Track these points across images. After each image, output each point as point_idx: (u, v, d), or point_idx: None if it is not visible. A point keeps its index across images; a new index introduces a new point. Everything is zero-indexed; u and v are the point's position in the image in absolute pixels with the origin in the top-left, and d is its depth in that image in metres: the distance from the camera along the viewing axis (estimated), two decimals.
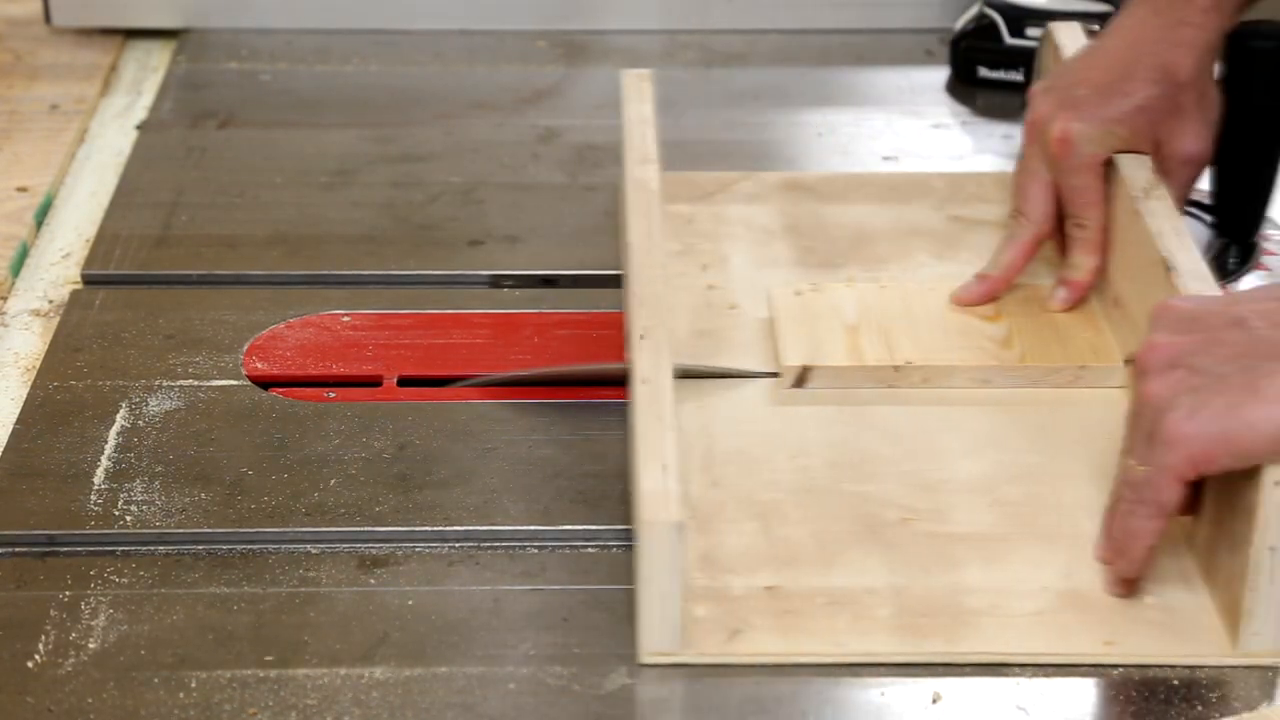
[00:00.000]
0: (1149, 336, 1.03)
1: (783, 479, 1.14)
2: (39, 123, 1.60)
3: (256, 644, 1.04)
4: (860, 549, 1.09)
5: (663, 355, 1.11)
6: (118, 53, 1.73)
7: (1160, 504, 1.00)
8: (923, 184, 1.44)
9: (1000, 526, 1.10)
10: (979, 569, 1.07)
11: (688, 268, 1.35)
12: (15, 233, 1.43)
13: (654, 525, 0.98)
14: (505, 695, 1.01)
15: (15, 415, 1.22)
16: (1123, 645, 1.02)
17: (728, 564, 1.08)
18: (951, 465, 1.15)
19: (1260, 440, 0.96)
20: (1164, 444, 0.99)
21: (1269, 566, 0.99)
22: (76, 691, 1.01)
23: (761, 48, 1.74)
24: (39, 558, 1.11)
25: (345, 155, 1.55)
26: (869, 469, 1.15)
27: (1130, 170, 1.24)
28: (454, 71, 1.70)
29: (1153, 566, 1.05)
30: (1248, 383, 0.97)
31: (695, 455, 1.17)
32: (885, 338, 1.25)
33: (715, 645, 1.02)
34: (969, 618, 1.04)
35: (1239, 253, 1.35)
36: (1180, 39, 1.25)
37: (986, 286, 1.28)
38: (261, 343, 1.31)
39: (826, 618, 1.04)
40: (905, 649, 1.02)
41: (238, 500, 1.15)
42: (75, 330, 1.31)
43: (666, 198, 1.40)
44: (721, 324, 1.29)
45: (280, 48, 1.73)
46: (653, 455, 1.02)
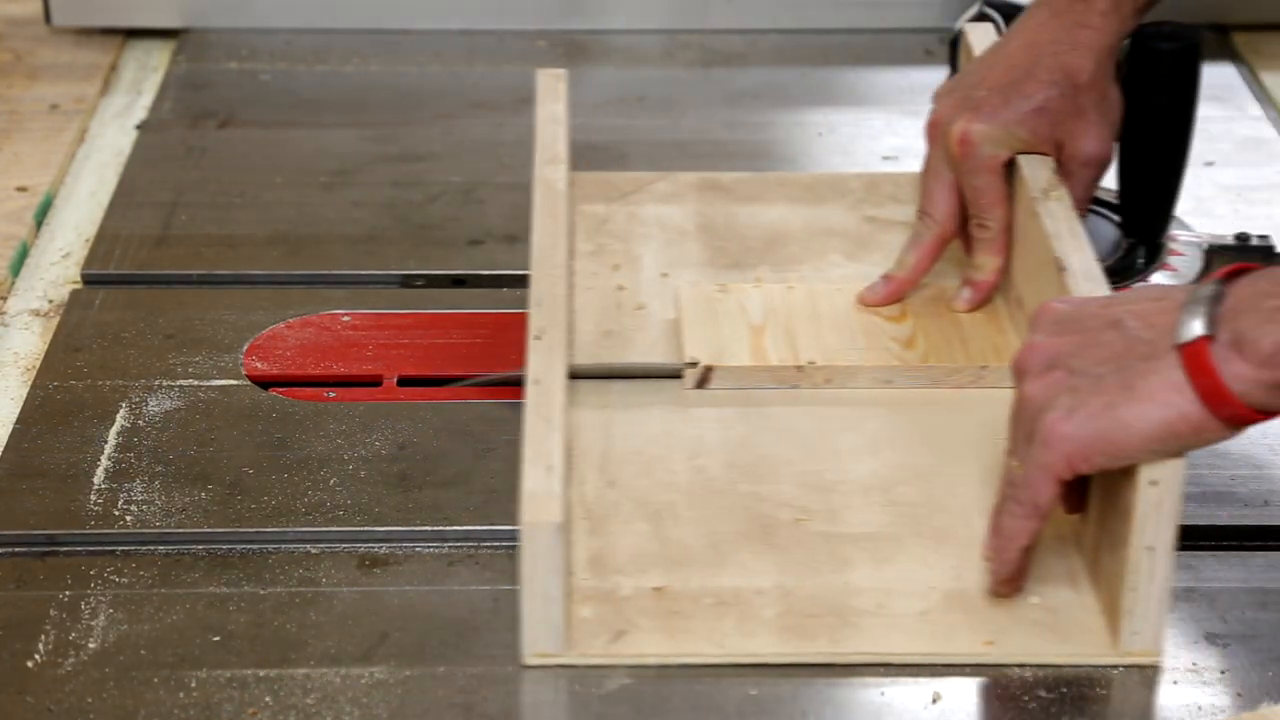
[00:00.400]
0: (1028, 338, 1.03)
1: (679, 480, 1.14)
2: (39, 122, 1.60)
3: (256, 644, 1.04)
4: (751, 550, 1.09)
5: (556, 356, 1.10)
6: (118, 53, 1.73)
7: (1035, 504, 1.01)
8: (839, 184, 1.44)
9: (892, 527, 1.10)
10: (868, 569, 1.07)
11: (599, 268, 1.35)
12: (15, 232, 1.43)
13: (535, 526, 0.98)
14: (505, 695, 1.01)
15: (15, 415, 1.23)
16: (1003, 645, 1.02)
17: (617, 565, 1.07)
18: (848, 466, 1.15)
19: (1134, 439, 0.97)
20: (1041, 444, 0.99)
21: (1146, 566, 1.00)
22: (76, 691, 1.01)
23: (761, 48, 1.74)
24: (39, 558, 1.11)
25: (345, 155, 1.55)
26: (765, 470, 1.15)
27: (1031, 171, 1.25)
28: (454, 71, 1.70)
29: (1034, 566, 1.05)
30: (1122, 383, 0.97)
31: (593, 456, 1.16)
32: (790, 338, 1.24)
33: (599, 646, 1.02)
34: (854, 618, 1.04)
35: (1146, 253, 1.36)
36: (1079, 41, 1.25)
37: (892, 287, 1.28)
38: (261, 343, 1.31)
39: (712, 619, 1.04)
40: (789, 649, 1.02)
41: (237, 500, 1.15)
42: (75, 330, 1.31)
43: (582, 198, 1.41)
44: (628, 324, 1.29)
45: (280, 48, 1.73)
46: (537, 456, 1.02)
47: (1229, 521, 1.14)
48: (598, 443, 1.18)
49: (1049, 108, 1.25)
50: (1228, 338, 0.95)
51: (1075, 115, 1.25)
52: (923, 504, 1.12)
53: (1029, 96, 1.25)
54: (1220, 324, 0.95)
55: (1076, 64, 1.25)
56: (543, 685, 1.01)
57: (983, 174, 1.25)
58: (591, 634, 1.03)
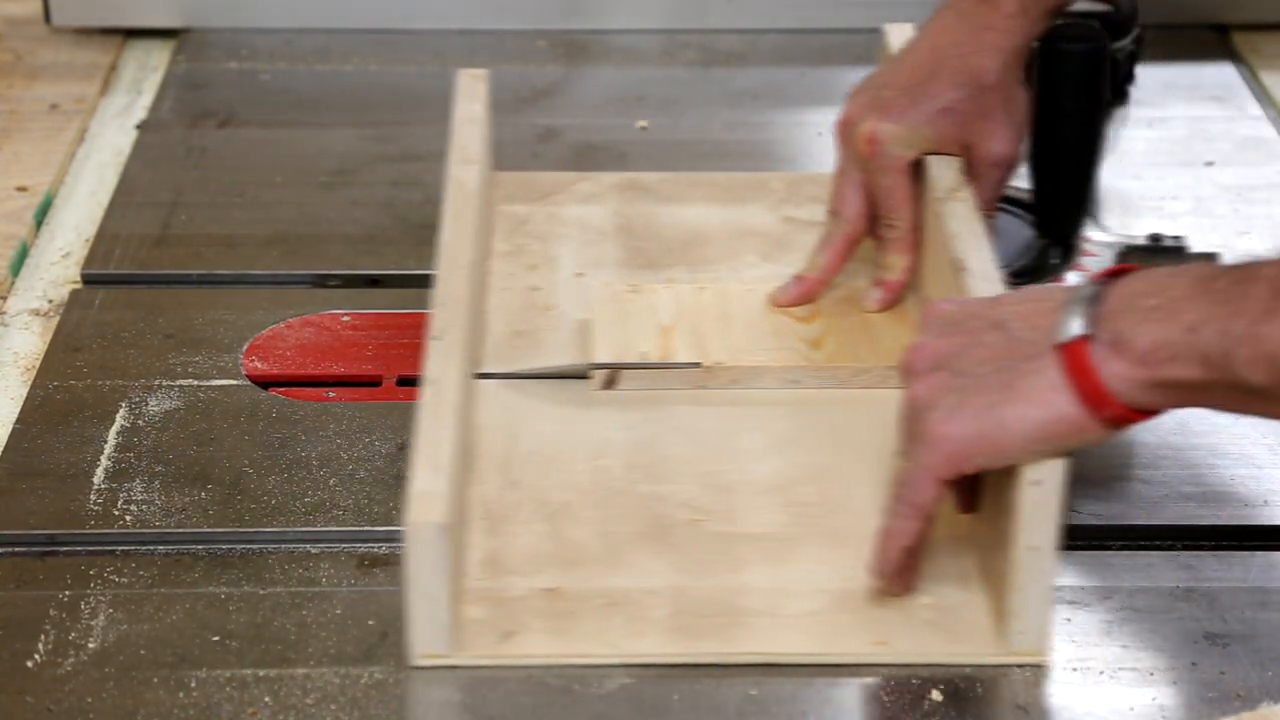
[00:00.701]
0: (916, 340, 1.04)
1: (580, 480, 1.14)
2: (39, 122, 1.60)
3: (256, 644, 1.04)
4: (646, 550, 1.09)
5: (455, 357, 1.10)
6: (118, 53, 1.73)
7: (917, 503, 1.01)
8: (761, 185, 1.44)
9: (790, 527, 1.10)
10: (762, 569, 1.07)
11: (514, 268, 1.35)
12: (15, 232, 1.43)
13: (420, 527, 0.98)
14: (505, 695, 1.01)
15: (15, 415, 1.23)
16: (893, 645, 1.02)
17: (512, 565, 1.07)
18: (749, 466, 1.15)
19: (1015, 439, 0.97)
20: (923, 444, 1.00)
21: (1030, 566, 1.00)
22: (76, 691, 1.01)
23: (761, 48, 1.74)
24: (39, 558, 1.11)
25: (345, 155, 1.55)
26: (667, 470, 1.15)
27: (937, 172, 1.25)
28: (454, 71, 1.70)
29: (929, 566, 1.05)
30: (1004, 383, 0.98)
31: (495, 457, 1.16)
32: (698, 339, 1.24)
33: (487, 647, 1.02)
34: (745, 618, 1.04)
35: (1060, 253, 1.36)
36: (985, 43, 1.26)
37: (803, 288, 1.28)
38: (261, 343, 1.31)
39: (602, 619, 1.04)
40: (677, 650, 1.02)
41: (237, 500, 1.15)
42: (75, 330, 1.31)
43: (504, 198, 1.41)
44: (539, 325, 1.29)
45: (280, 48, 1.73)
46: (427, 457, 1.01)
47: (1229, 521, 1.14)
48: (502, 443, 1.17)
49: (955, 109, 1.25)
50: (1107, 337, 0.95)
51: (981, 116, 1.26)
52: (822, 504, 1.12)
53: (935, 97, 1.25)
54: (1099, 324, 0.96)
55: (982, 65, 1.25)
56: (541, 685, 1.01)
57: (890, 174, 1.25)
58: (480, 635, 1.03)
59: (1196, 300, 0.93)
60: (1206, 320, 0.93)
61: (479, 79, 1.42)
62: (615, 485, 1.14)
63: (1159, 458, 1.19)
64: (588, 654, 1.02)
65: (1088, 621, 1.06)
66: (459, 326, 1.13)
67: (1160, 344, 0.94)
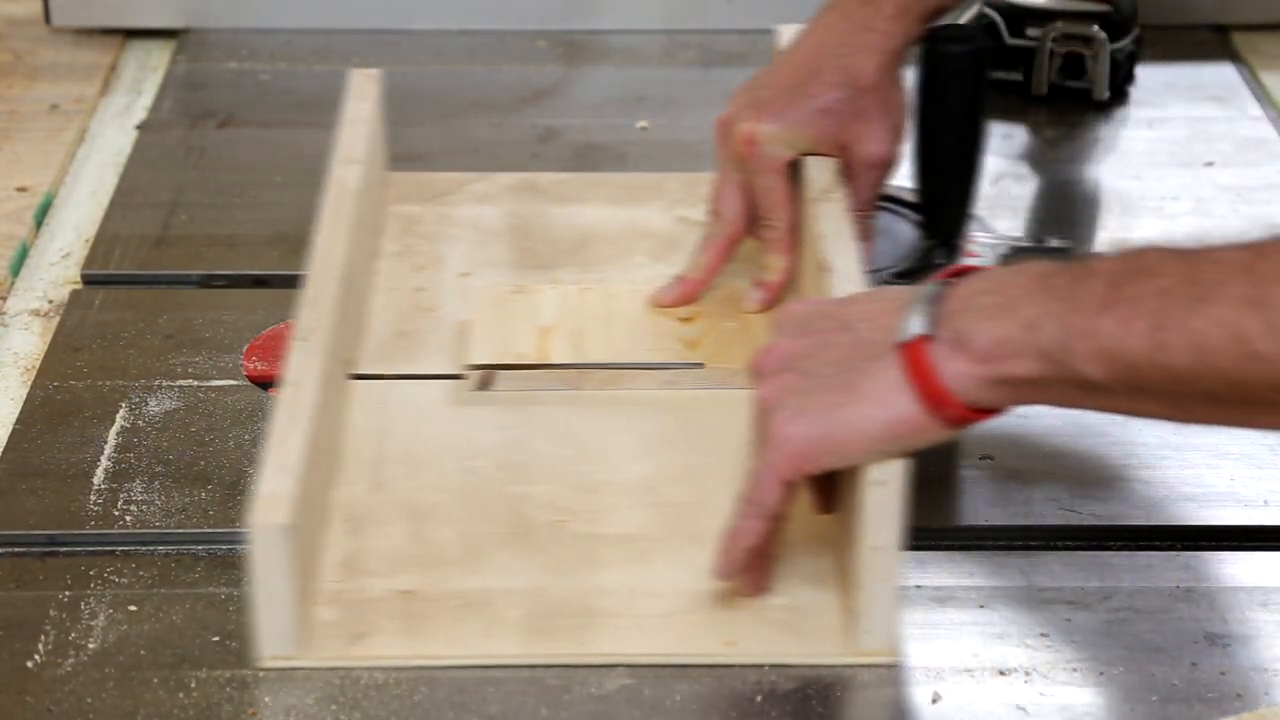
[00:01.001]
0: (767, 341, 1.04)
1: (447, 481, 1.14)
2: (39, 123, 1.60)
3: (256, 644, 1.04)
4: (507, 551, 1.09)
5: (318, 359, 1.10)
6: (118, 53, 1.73)
7: (762, 504, 1.01)
8: (657, 185, 1.44)
9: (653, 528, 1.10)
10: (621, 570, 1.07)
11: (402, 269, 1.35)
12: (15, 233, 1.43)
13: (263, 528, 0.98)
14: (505, 695, 1.01)
15: (15, 415, 1.23)
16: (743, 645, 1.02)
17: (370, 567, 1.07)
18: (618, 467, 1.15)
19: (857, 439, 0.97)
20: (769, 445, 1.00)
21: (875, 566, 1.00)
22: (76, 691, 1.01)
23: (761, 48, 1.73)
24: (39, 558, 1.11)
25: None
26: (535, 471, 1.15)
27: (812, 173, 1.25)
28: (454, 71, 1.70)
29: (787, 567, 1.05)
30: (847, 383, 0.98)
31: (365, 458, 1.16)
32: (577, 340, 1.24)
33: (336, 649, 1.02)
34: (599, 619, 1.04)
35: (945, 253, 1.36)
36: (864, 44, 1.26)
37: (683, 288, 1.28)
38: (261, 343, 1.31)
39: (457, 621, 1.04)
40: (530, 651, 1.02)
41: (238, 500, 1.15)
42: (75, 330, 1.31)
43: (397, 199, 1.41)
44: (422, 326, 1.29)
45: (280, 48, 1.73)
46: (276, 458, 1.01)
47: (1229, 521, 1.14)
48: (373, 445, 1.17)
49: (833, 110, 1.26)
50: (948, 336, 0.95)
51: (858, 117, 1.26)
52: (686, 505, 1.11)
53: (814, 98, 1.25)
54: (940, 323, 0.96)
55: (860, 67, 1.26)
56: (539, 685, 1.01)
57: (768, 174, 1.26)
58: (331, 636, 1.03)
59: (1035, 297, 0.94)
60: (1045, 316, 0.93)
61: (371, 78, 1.42)
62: (483, 487, 1.14)
63: (1159, 458, 1.19)
64: (439, 656, 1.02)
65: (1088, 621, 1.06)
66: (325, 328, 1.12)
67: (1000, 341, 0.94)
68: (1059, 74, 1.61)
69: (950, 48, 1.31)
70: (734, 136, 1.26)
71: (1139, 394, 0.92)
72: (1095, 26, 1.59)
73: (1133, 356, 0.90)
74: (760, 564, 1.04)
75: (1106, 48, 1.59)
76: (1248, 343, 0.87)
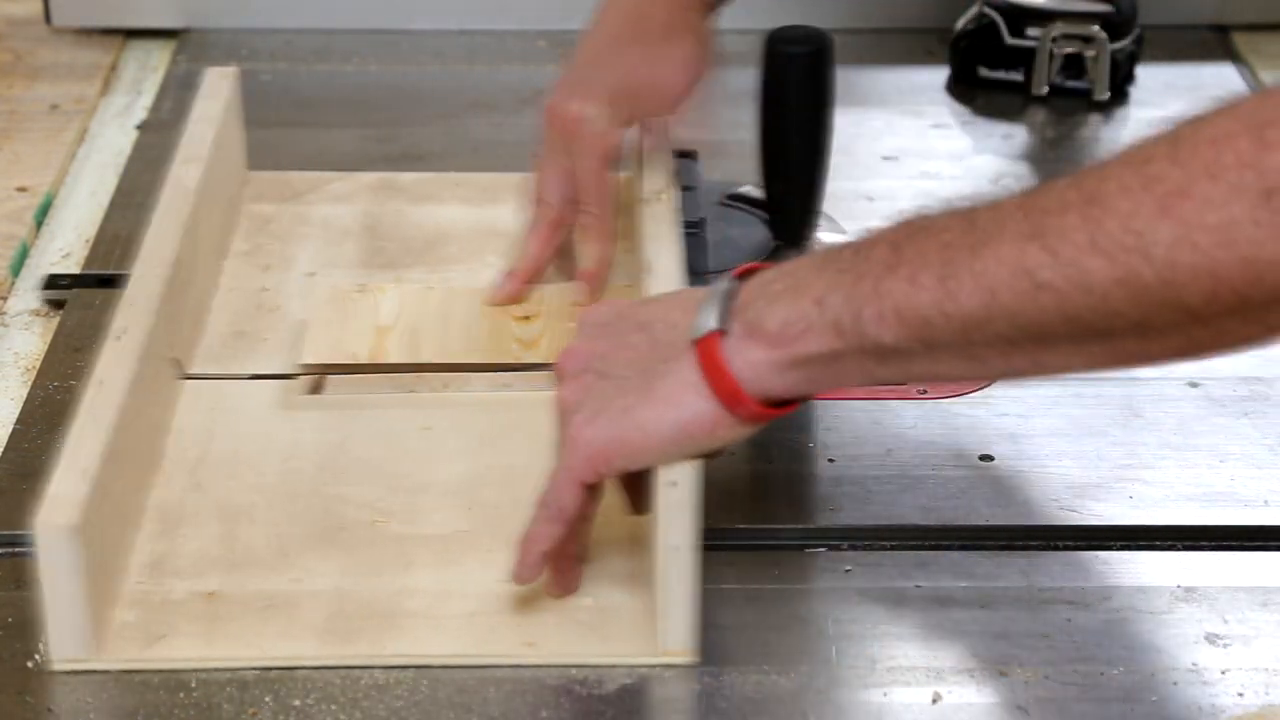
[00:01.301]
0: (569, 343, 1.04)
1: (267, 482, 1.14)
2: (39, 123, 1.60)
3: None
4: (318, 552, 1.08)
5: (130, 358, 1.09)
6: (118, 53, 1.73)
7: (559, 507, 1.01)
8: (513, 184, 1.42)
9: (468, 529, 1.10)
10: (430, 571, 1.07)
11: (248, 268, 1.34)
12: (15, 233, 1.43)
13: (48, 529, 0.97)
14: (505, 695, 1.01)
15: (15, 415, 1.23)
16: (543, 646, 1.02)
17: (177, 568, 1.07)
18: (441, 468, 1.15)
19: (651, 440, 0.97)
20: (566, 447, 1.00)
21: (672, 565, 0.99)
22: (76, 691, 1.01)
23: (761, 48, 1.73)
24: None
25: (345, 155, 1.55)
26: (357, 472, 1.15)
27: (650, 171, 1.26)
28: (454, 71, 1.70)
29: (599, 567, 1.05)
30: (642, 385, 0.98)
31: (187, 458, 1.16)
32: (414, 340, 1.24)
33: (133, 651, 1.02)
34: (402, 620, 1.04)
35: (794, 253, 1.36)
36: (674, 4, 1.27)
37: (515, 282, 1.28)
38: None
39: (259, 622, 1.03)
40: (329, 652, 1.02)
41: None
42: (75, 330, 1.31)
43: (253, 197, 1.41)
44: (261, 325, 1.28)
45: (280, 48, 1.73)
46: (71, 458, 1.01)
47: (1229, 521, 1.14)
48: (196, 444, 1.17)
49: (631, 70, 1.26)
50: (739, 329, 0.95)
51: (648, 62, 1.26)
52: (505, 506, 1.11)
53: (614, 67, 1.26)
54: (732, 317, 0.96)
55: (650, 15, 1.26)
56: (539, 685, 1.01)
57: (588, 156, 1.25)
58: (127, 639, 1.02)
59: (822, 274, 0.94)
60: (832, 289, 0.93)
61: (227, 77, 1.41)
62: (302, 488, 1.13)
63: (1159, 458, 1.19)
64: (237, 658, 1.01)
65: (1088, 621, 1.06)
66: (143, 326, 1.12)
67: (790, 321, 0.94)
68: (1059, 74, 1.61)
69: (792, 49, 1.31)
70: (560, 119, 1.25)
71: (933, 351, 0.92)
72: (1095, 26, 1.59)
73: (923, 310, 0.90)
74: (563, 566, 1.04)
75: (1106, 48, 1.59)
76: (1032, 275, 0.87)
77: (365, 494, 1.13)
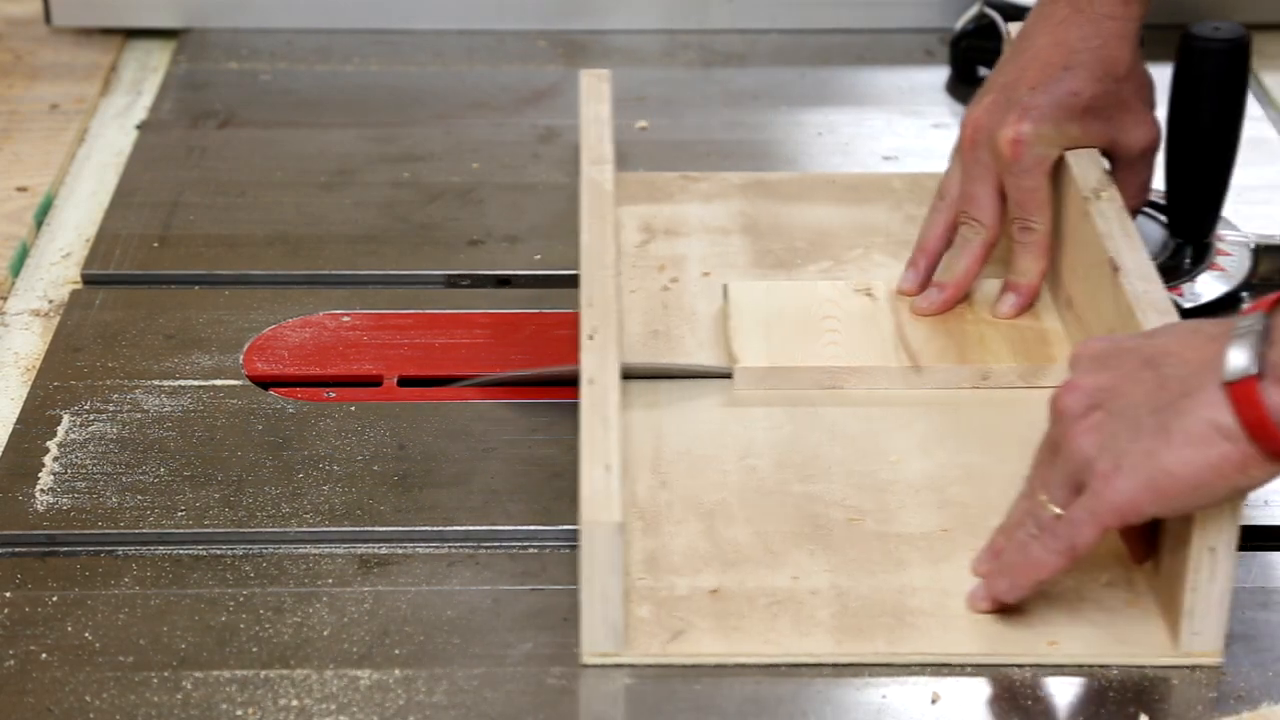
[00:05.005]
0: (1068, 378, 1.03)
1: (730, 479, 1.15)
2: (39, 123, 1.60)
3: (256, 644, 1.04)
4: (804, 550, 1.09)
5: (610, 356, 1.10)
6: (118, 53, 1.73)
7: (1073, 544, 1.00)
8: (884, 184, 1.44)
9: (948, 527, 1.10)
10: (923, 569, 1.07)
11: (643, 269, 1.35)
12: (15, 233, 1.43)
13: (595, 526, 0.98)
14: (505, 695, 1.01)
15: (15, 415, 1.23)
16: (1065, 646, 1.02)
17: (672, 565, 1.08)
18: (899, 465, 1.16)
19: (1182, 486, 0.96)
20: (1093, 494, 0.98)
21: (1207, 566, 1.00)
22: (76, 691, 1.01)
23: (761, 48, 1.74)
24: (39, 558, 1.11)
25: (345, 155, 1.55)
26: (816, 469, 1.15)
27: (1080, 170, 1.25)
28: (454, 71, 1.70)
29: None
30: (1158, 426, 0.97)
31: (644, 456, 1.17)
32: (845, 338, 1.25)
33: (657, 646, 1.02)
34: (910, 618, 1.04)
35: (1193, 252, 1.36)
36: (1111, 32, 1.26)
37: (945, 295, 1.28)
38: (261, 343, 1.31)
39: (768, 619, 1.04)
40: (845, 650, 1.02)
41: (238, 500, 1.15)
42: (75, 330, 1.31)
43: (624, 199, 1.42)
44: (672, 324, 1.29)
45: (280, 48, 1.73)
46: (596, 456, 1.02)
47: None
48: (649, 442, 1.18)
49: (1096, 105, 1.25)
50: (1273, 372, 0.94)
51: (1122, 108, 1.26)
52: (977, 505, 1.11)
53: (1076, 94, 1.25)
54: (1266, 358, 0.94)
55: (1114, 56, 1.25)
56: (542, 687, 1.01)
57: (1033, 175, 1.25)
58: (649, 634, 1.03)
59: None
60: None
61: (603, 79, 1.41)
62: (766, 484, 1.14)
63: None
64: (755, 654, 1.02)
65: None
66: (610, 325, 1.13)
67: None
68: None
69: (1212, 44, 1.30)
70: (998, 141, 1.25)
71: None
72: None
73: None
74: None
75: None
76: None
77: (833, 492, 1.13)
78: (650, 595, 1.06)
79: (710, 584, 1.06)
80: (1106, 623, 1.04)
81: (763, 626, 1.03)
